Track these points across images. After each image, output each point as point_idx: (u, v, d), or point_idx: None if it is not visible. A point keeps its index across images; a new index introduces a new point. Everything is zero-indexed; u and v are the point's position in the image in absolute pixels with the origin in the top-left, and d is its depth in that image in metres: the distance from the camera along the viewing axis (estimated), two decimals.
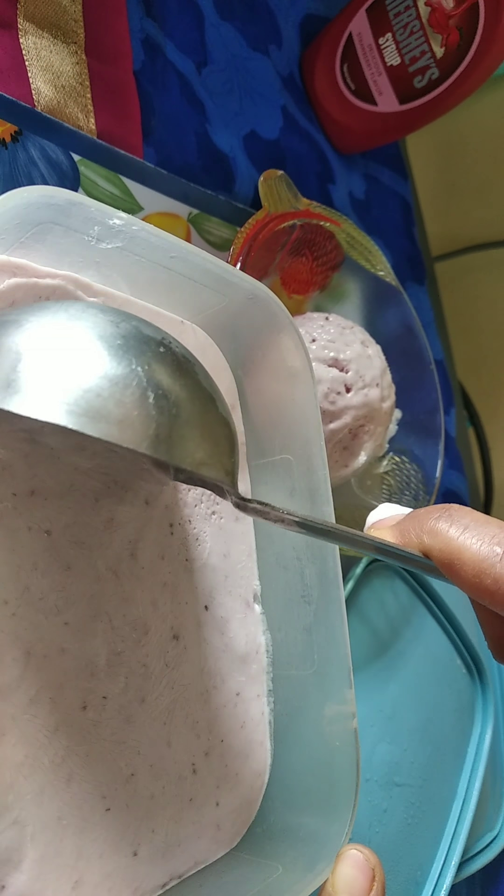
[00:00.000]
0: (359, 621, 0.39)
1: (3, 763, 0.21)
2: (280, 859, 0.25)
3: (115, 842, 0.23)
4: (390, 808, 0.38)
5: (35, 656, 0.22)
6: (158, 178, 0.37)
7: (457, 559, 0.20)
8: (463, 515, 0.21)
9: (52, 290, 0.23)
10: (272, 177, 0.39)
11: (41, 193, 0.21)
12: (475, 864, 0.42)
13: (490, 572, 0.19)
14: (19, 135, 0.32)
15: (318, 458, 0.27)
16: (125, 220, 0.23)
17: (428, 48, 0.44)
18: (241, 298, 0.27)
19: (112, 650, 0.24)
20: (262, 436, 0.30)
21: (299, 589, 0.28)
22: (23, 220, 0.22)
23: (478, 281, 0.64)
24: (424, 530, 0.21)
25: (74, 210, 0.22)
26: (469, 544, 0.20)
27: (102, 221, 0.23)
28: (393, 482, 0.42)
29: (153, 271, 0.25)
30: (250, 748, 0.28)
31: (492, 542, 0.20)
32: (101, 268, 0.25)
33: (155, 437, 0.18)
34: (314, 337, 0.38)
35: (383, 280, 0.43)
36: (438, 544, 0.21)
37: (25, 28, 0.33)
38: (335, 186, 0.49)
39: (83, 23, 0.35)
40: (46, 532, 0.23)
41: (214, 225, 0.40)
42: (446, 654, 0.44)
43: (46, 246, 0.23)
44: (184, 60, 0.40)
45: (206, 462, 0.20)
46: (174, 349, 0.21)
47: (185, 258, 0.25)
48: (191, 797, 0.26)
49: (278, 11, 0.47)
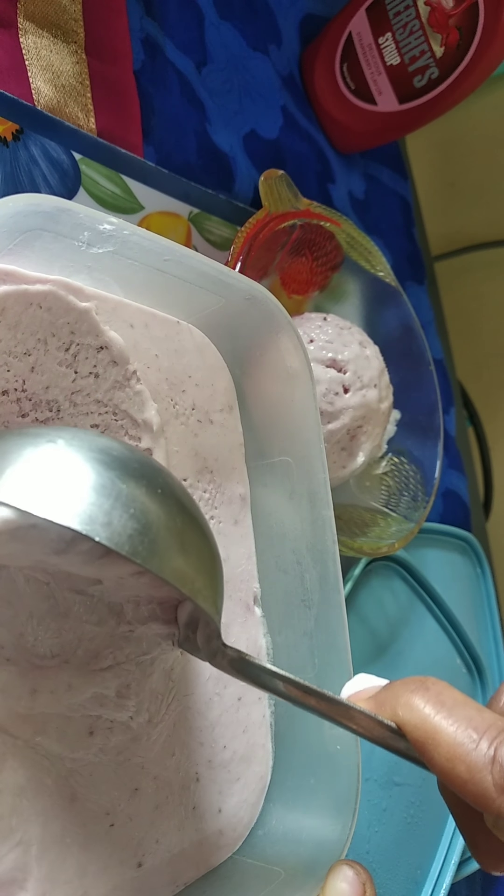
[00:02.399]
0: (357, 622, 0.39)
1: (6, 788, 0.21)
2: (282, 863, 0.25)
3: (120, 855, 0.23)
4: (390, 808, 0.38)
5: (42, 693, 0.22)
6: (159, 177, 0.37)
7: (431, 739, 0.19)
8: (440, 692, 0.20)
9: (42, 295, 0.23)
10: (273, 176, 0.39)
11: (28, 202, 0.21)
12: (475, 864, 0.42)
13: (464, 759, 0.18)
14: (20, 133, 0.32)
15: (318, 461, 0.27)
16: (116, 225, 0.23)
17: (427, 48, 0.44)
18: (238, 299, 0.27)
19: (121, 683, 0.24)
20: (261, 437, 0.30)
21: (300, 593, 0.28)
22: (10, 228, 0.22)
23: (477, 280, 0.64)
24: (400, 703, 0.20)
25: (63, 216, 0.22)
26: (444, 726, 0.19)
27: (92, 227, 0.23)
28: (392, 483, 0.42)
29: (147, 274, 0.25)
30: (252, 752, 0.28)
31: (468, 727, 0.18)
32: (94, 272, 0.25)
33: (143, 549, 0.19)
34: (312, 337, 0.38)
35: (383, 280, 0.43)
36: (413, 720, 0.19)
37: (25, 27, 0.33)
38: (335, 186, 0.49)
39: (83, 22, 0.35)
40: (46, 583, 0.23)
41: (215, 224, 0.40)
42: (446, 653, 0.44)
43: (36, 252, 0.23)
44: (184, 60, 0.40)
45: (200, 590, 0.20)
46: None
47: (179, 261, 0.25)
48: (194, 805, 0.26)
49: (278, 11, 0.47)
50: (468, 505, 0.55)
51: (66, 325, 0.24)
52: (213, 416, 0.29)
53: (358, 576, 0.39)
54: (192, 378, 0.29)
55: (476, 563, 0.51)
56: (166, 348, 0.28)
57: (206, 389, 0.29)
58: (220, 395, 0.30)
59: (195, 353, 0.29)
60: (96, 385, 0.25)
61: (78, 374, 0.24)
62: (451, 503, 0.54)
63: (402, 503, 0.41)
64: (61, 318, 0.24)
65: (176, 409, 0.28)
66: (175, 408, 0.28)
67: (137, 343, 0.27)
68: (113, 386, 0.25)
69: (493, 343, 0.65)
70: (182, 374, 0.28)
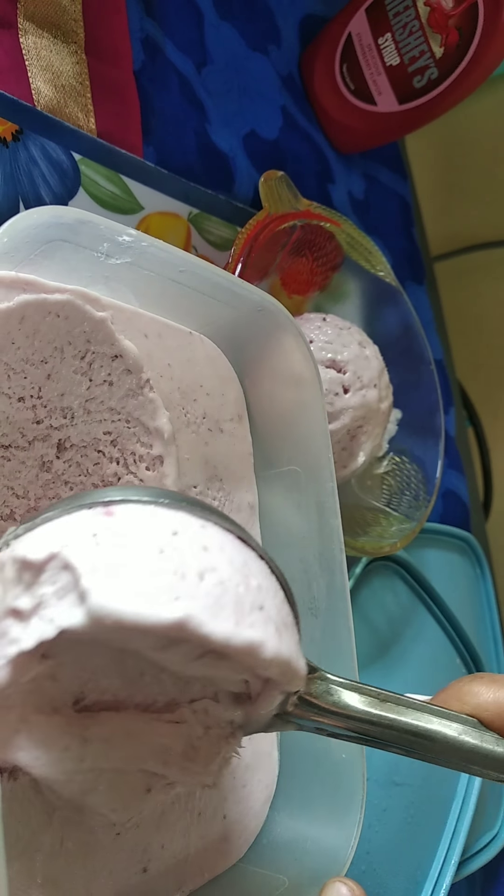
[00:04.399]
0: (359, 621, 0.39)
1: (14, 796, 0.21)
2: (286, 871, 0.25)
3: (125, 860, 0.23)
4: (390, 808, 0.38)
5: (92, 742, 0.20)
6: (159, 178, 0.37)
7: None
8: (494, 677, 0.22)
9: (61, 305, 0.24)
10: (273, 177, 0.39)
11: (52, 214, 0.22)
12: (475, 864, 0.42)
13: None
14: (20, 134, 0.32)
15: (326, 470, 0.27)
16: (135, 237, 0.23)
17: (427, 48, 0.44)
18: (249, 310, 0.28)
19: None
20: (269, 446, 0.30)
21: (307, 601, 0.28)
22: (32, 238, 0.22)
23: (477, 280, 0.64)
24: (463, 694, 0.22)
25: (84, 228, 0.23)
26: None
27: (112, 238, 0.23)
28: (393, 482, 0.42)
29: (162, 285, 0.26)
30: (258, 759, 0.28)
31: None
32: (110, 282, 0.25)
33: None
34: (311, 338, 0.38)
35: (383, 280, 0.43)
36: (486, 703, 0.21)
37: (25, 28, 0.33)
38: (335, 186, 0.49)
39: (83, 22, 0.35)
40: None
41: (214, 224, 0.40)
42: (445, 653, 0.44)
43: (56, 263, 0.23)
44: (183, 60, 0.40)
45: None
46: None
47: (193, 272, 0.25)
48: (199, 811, 0.26)
49: (278, 11, 0.47)
50: (468, 505, 0.55)
51: (82, 333, 0.24)
52: (223, 425, 0.30)
53: (359, 574, 0.39)
54: (203, 387, 0.29)
55: (475, 563, 0.51)
56: (179, 358, 0.28)
57: (216, 399, 0.30)
58: (231, 404, 0.30)
59: (206, 363, 0.30)
60: (110, 393, 0.25)
61: (92, 382, 0.25)
62: (451, 503, 0.54)
63: (404, 502, 0.41)
64: (78, 326, 0.24)
65: (187, 417, 0.29)
66: (186, 416, 0.28)
67: (151, 352, 0.27)
68: (126, 394, 0.26)
69: (492, 343, 0.65)
70: (193, 383, 0.29)
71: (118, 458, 0.26)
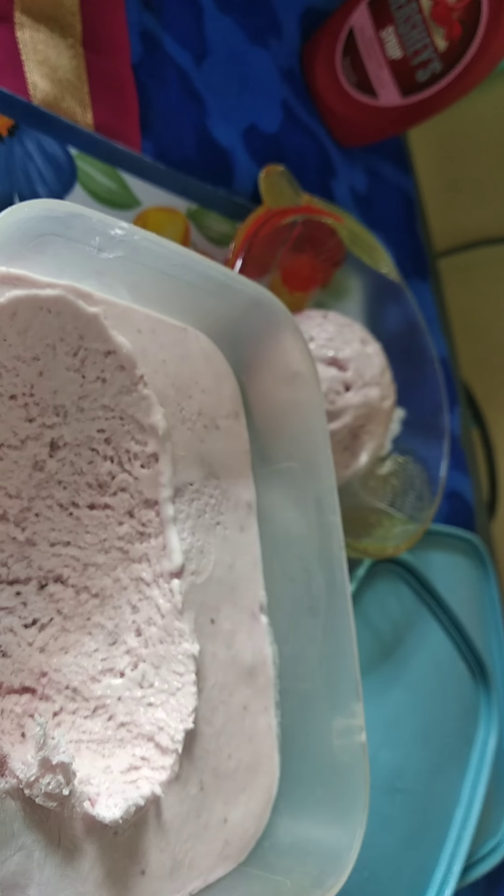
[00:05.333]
0: (361, 624, 0.39)
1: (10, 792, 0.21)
2: (288, 874, 0.25)
3: (124, 862, 0.23)
4: (393, 814, 0.37)
5: None
6: (157, 173, 0.37)
7: None
8: None
9: (52, 300, 0.23)
10: (273, 172, 0.39)
11: (43, 207, 0.21)
12: (479, 870, 0.41)
13: None
14: (16, 129, 0.32)
15: (325, 466, 0.27)
16: (127, 230, 0.23)
17: (430, 41, 0.43)
18: (244, 304, 0.27)
19: None
20: (266, 443, 0.30)
21: (306, 601, 0.28)
22: (23, 232, 0.22)
23: (482, 277, 0.64)
24: None
25: (75, 221, 0.22)
26: None
27: (104, 232, 0.23)
28: (397, 483, 0.41)
29: (156, 279, 0.26)
30: (258, 762, 0.28)
31: None
32: (103, 277, 0.25)
33: None
34: (312, 335, 0.37)
35: (386, 277, 0.43)
36: None
37: (22, 21, 0.33)
38: (336, 181, 0.49)
39: (80, 16, 0.34)
40: None
41: (214, 220, 0.39)
42: (450, 658, 0.43)
43: (47, 257, 0.23)
44: (182, 53, 0.39)
45: None
46: None
47: (187, 265, 0.25)
48: (199, 814, 0.26)
49: (278, 4, 0.46)
50: (472, 506, 0.55)
51: (74, 329, 0.24)
52: (219, 422, 0.29)
53: (362, 577, 0.39)
54: (198, 384, 0.29)
55: (480, 565, 0.50)
56: (173, 354, 0.28)
57: (212, 395, 0.29)
58: (227, 401, 0.30)
59: (202, 360, 0.29)
60: (103, 390, 0.25)
61: (85, 379, 0.25)
62: (456, 504, 0.53)
63: (408, 503, 0.40)
64: (70, 323, 0.24)
65: (182, 414, 0.28)
66: (182, 413, 0.28)
67: (145, 348, 0.27)
68: (120, 391, 0.25)
69: (497, 340, 0.64)
70: (189, 379, 0.29)
71: (112, 456, 0.26)
